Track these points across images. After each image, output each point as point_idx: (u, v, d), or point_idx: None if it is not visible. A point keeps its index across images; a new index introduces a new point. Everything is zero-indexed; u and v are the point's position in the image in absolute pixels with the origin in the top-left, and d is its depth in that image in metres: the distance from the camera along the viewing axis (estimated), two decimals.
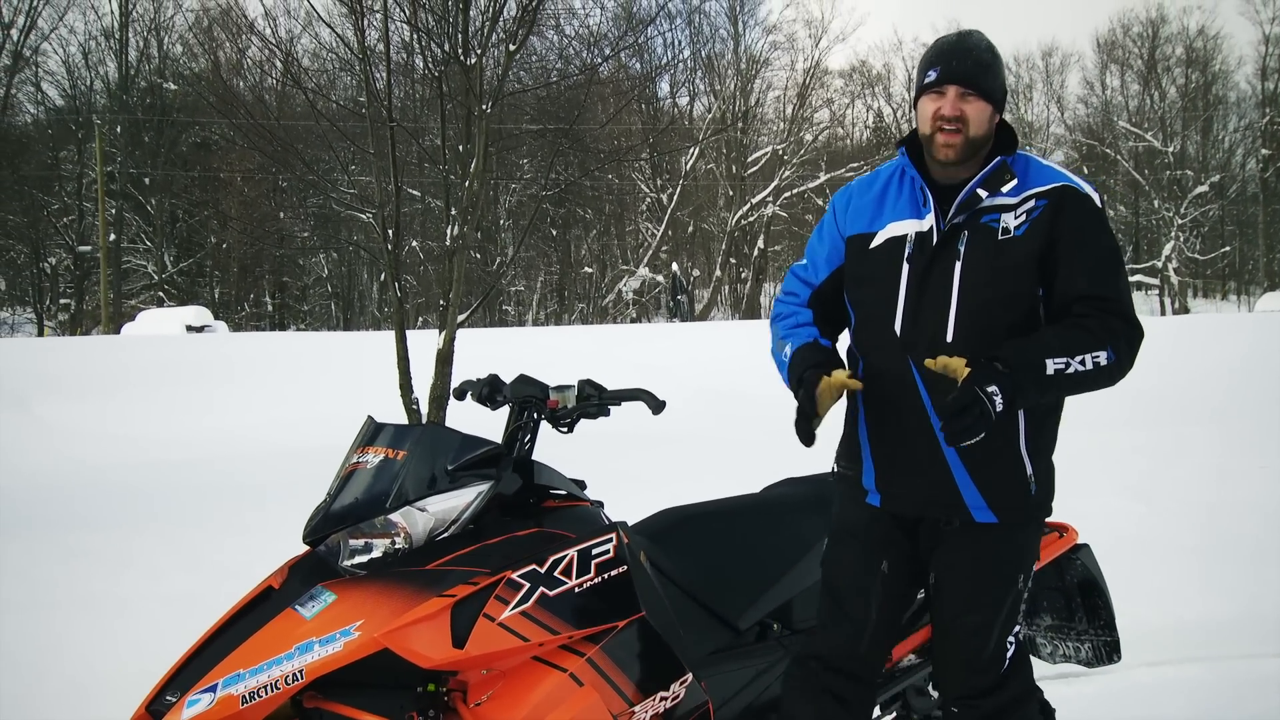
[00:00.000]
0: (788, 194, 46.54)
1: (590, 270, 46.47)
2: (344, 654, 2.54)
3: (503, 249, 38.59)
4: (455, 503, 2.82)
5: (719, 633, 3.19)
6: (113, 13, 43.94)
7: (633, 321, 42.41)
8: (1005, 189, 2.68)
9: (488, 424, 3.34)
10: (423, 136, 12.69)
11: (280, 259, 45.25)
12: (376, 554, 2.76)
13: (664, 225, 44.66)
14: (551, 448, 3.23)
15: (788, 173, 46.28)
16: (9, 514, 7.36)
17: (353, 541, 2.78)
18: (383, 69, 9.24)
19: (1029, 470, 2.73)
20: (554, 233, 44.28)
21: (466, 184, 8.77)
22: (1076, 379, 2.55)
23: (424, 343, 9.87)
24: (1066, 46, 66.93)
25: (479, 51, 8.84)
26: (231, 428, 11.55)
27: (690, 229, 48.58)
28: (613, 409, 3.15)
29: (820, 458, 3.00)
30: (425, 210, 31.79)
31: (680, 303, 42.46)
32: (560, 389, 3.13)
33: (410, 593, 2.64)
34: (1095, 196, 2.72)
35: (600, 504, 3.11)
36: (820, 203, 48.52)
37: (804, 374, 2.72)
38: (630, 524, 3.16)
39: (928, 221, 2.73)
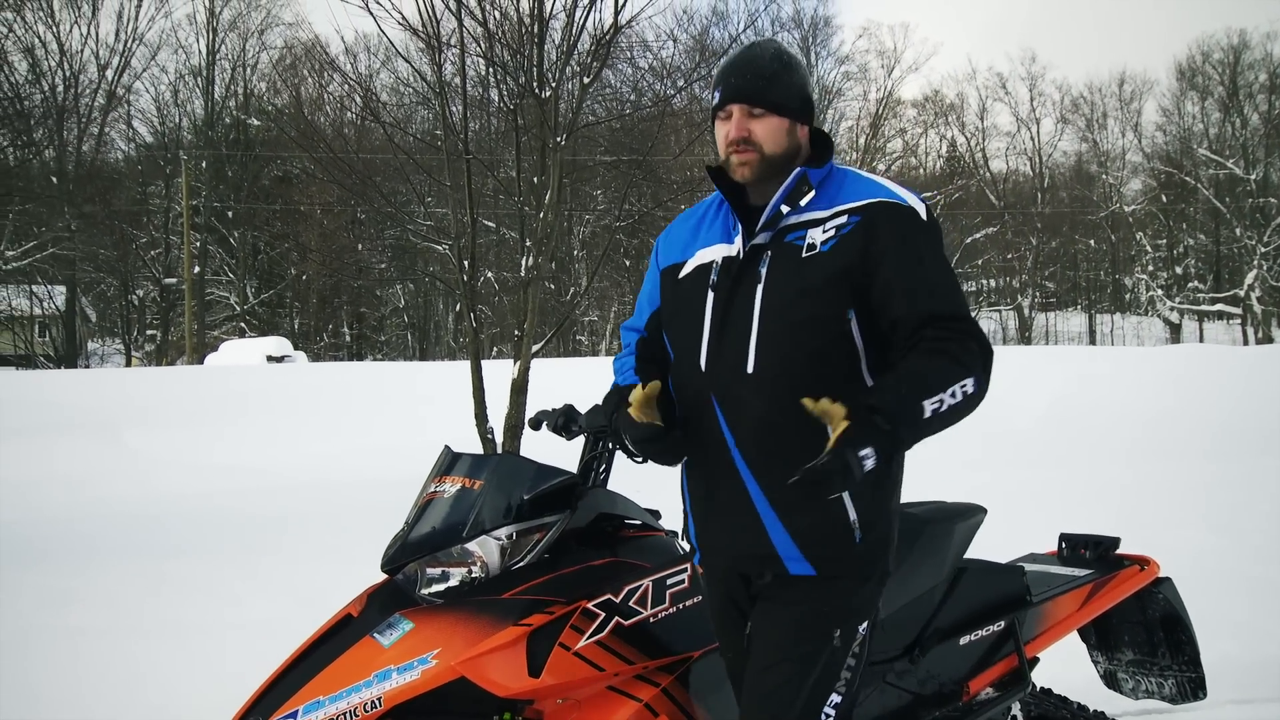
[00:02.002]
0: None
1: None
2: (421, 682, 2.57)
3: (576, 279, 38.79)
4: (531, 532, 2.84)
5: None
6: (200, 52, 45.28)
7: None
8: (803, 202, 2.45)
9: (562, 453, 3.37)
10: (498, 169, 12.86)
11: (358, 290, 45.95)
12: (453, 583, 2.79)
13: None
14: (625, 478, 3.25)
15: None
16: (101, 542, 7.54)
17: (430, 570, 2.81)
18: (459, 102, 9.38)
19: (852, 516, 2.40)
20: (627, 263, 44.35)
21: (541, 215, 8.85)
22: (946, 416, 2.26)
23: (499, 372, 9.95)
24: (1142, 74, 65.95)
25: (553, 85, 8.95)
26: (310, 456, 11.73)
27: None
28: None
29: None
30: (500, 241, 32.08)
31: None
32: None
33: (487, 622, 2.66)
34: (922, 210, 2.44)
35: (675, 534, 3.10)
36: None
37: (613, 412, 2.60)
38: None
39: (736, 245, 2.49)
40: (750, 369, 2.40)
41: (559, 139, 8.77)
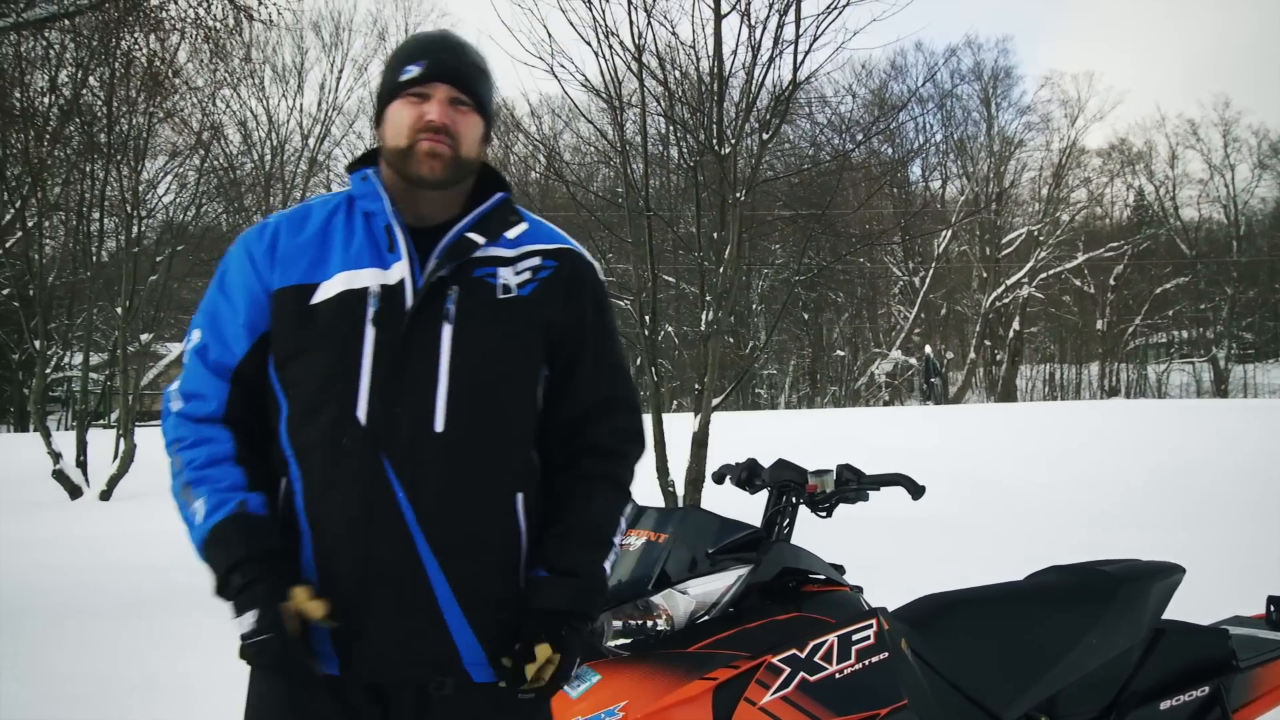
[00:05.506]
0: (1044, 275, 45.18)
1: (842, 353, 46.14)
2: None
3: (755, 333, 38.83)
4: (716, 586, 2.85)
5: None
6: None
7: (885, 404, 41.78)
8: (511, 234, 2.07)
9: (743, 506, 3.39)
10: (678, 224, 13.01)
11: None
12: (639, 635, 2.83)
13: (916, 308, 44.01)
14: (809, 532, 3.25)
15: (1044, 253, 44.97)
16: None
17: (616, 622, 2.85)
18: (640, 160, 9.57)
19: None
20: (806, 317, 44.22)
21: (720, 270, 8.94)
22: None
23: (679, 426, 10.02)
24: None
25: (733, 141, 9.06)
26: None
27: (943, 311, 47.71)
28: (870, 493, 3.16)
29: (1085, 548, 2.90)
30: (680, 296, 32.43)
31: (933, 385, 41.63)
32: (819, 473, 3.14)
33: (672, 675, 2.68)
34: (599, 268, 2.19)
35: (860, 589, 3.09)
36: (1078, 283, 46.80)
37: (244, 584, 1.91)
38: (890, 610, 3.13)
39: (397, 272, 2.00)
40: (440, 427, 1.96)
41: (738, 194, 8.86)
